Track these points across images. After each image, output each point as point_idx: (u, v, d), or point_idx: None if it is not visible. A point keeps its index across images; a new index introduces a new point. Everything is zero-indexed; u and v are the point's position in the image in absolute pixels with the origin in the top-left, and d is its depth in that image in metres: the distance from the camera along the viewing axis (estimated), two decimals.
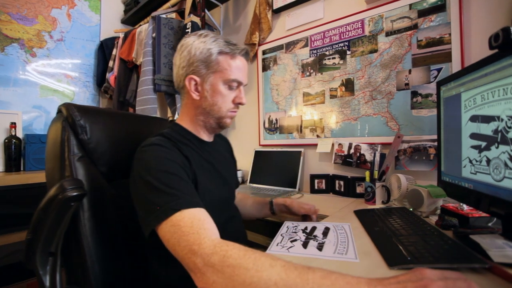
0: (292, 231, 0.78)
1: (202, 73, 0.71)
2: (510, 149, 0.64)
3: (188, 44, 0.72)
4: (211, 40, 0.71)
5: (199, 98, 0.73)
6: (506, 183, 0.65)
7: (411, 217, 0.87)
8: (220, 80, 0.71)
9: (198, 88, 0.72)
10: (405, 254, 0.61)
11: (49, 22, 1.89)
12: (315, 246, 0.68)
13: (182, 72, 0.72)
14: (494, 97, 0.70)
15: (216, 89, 0.72)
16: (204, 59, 0.70)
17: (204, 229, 0.51)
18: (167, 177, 0.59)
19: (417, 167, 1.11)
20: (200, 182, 0.70)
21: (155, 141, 0.67)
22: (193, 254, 0.48)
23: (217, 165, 0.79)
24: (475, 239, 0.69)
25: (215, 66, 0.71)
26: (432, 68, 1.09)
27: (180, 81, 0.74)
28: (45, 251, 0.69)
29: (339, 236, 0.76)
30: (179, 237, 0.50)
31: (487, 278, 0.53)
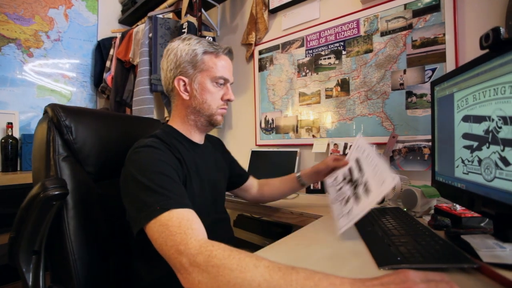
0: (337, 189, 0.84)
1: (190, 73, 0.73)
2: (500, 149, 0.64)
3: (173, 48, 0.74)
4: (195, 42, 0.74)
5: (188, 98, 0.75)
6: (496, 183, 0.65)
7: (404, 217, 0.87)
8: (207, 78, 0.74)
9: (187, 88, 0.74)
10: (395, 254, 0.61)
11: (46, 22, 1.89)
12: (363, 190, 0.74)
13: (170, 74, 0.74)
14: (485, 97, 0.70)
15: (204, 87, 0.74)
16: (190, 59, 0.73)
17: (191, 229, 0.52)
18: (159, 178, 0.60)
19: (411, 167, 1.11)
20: (190, 184, 0.71)
21: (149, 143, 0.67)
22: (180, 254, 0.48)
23: (206, 168, 0.80)
24: (466, 239, 0.69)
25: (201, 65, 0.73)
26: (426, 68, 1.09)
27: (169, 83, 0.76)
28: (28, 250, 0.69)
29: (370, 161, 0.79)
30: (167, 237, 0.51)
31: (476, 278, 0.53)
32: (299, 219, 1.06)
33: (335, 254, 0.65)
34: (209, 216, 0.78)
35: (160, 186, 0.58)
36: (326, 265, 0.59)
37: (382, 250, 0.65)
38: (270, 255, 0.65)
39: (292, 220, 1.09)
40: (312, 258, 0.63)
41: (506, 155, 0.62)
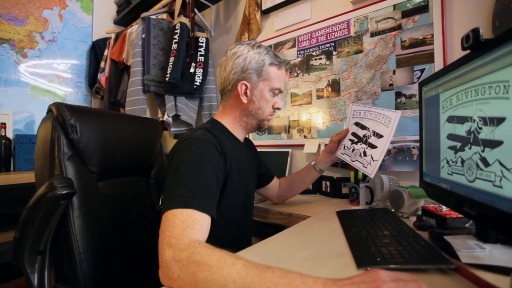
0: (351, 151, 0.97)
1: (253, 80, 0.80)
2: (480, 150, 0.64)
3: (242, 53, 0.80)
4: (264, 52, 0.81)
5: (247, 102, 0.81)
6: (477, 184, 0.65)
7: (390, 218, 0.87)
8: (267, 87, 0.82)
9: (247, 92, 0.80)
10: (376, 255, 0.61)
11: (40, 23, 1.90)
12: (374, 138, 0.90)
13: (234, 77, 0.80)
14: (467, 98, 0.70)
15: (263, 95, 0.82)
16: (257, 68, 0.79)
17: (191, 228, 0.53)
18: (197, 174, 0.63)
19: (400, 168, 1.11)
20: (231, 179, 0.76)
21: (200, 136, 0.71)
22: (169, 246, 0.50)
23: (244, 165, 0.86)
24: (448, 239, 0.69)
25: (265, 75, 0.80)
26: (415, 69, 1.09)
27: (229, 84, 0.81)
28: (33, 250, 0.70)
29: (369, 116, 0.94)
30: (168, 226, 0.53)
31: (453, 279, 0.53)
32: (287, 219, 1.06)
33: (315, 255, 0.65)
34: (243, 209, 0.84)
35: (194, 183, 0.61)
36: (305, 265, 0.59)
37: (363, 251, 0.65)
38: (251, 256, 0.65)
39: (281, 220, 1.09)
40: (292, 259, 0.62)
41: (486, 155, 0.62)
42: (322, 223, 0.91)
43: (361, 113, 0.97)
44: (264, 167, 1.06)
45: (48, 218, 0.68)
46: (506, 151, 0.55)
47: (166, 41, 1.71)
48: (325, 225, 0.88)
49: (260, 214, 1.14)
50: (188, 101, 1.77)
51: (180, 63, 1.58)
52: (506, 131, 0.55)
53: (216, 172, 0.68)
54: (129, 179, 0.95)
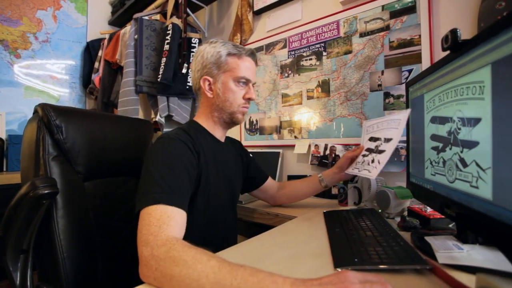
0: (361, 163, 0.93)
1: (214, 74, 0.80)
2: (460, 150, 0.64)
3: (201, 51, 0.81)
4: (220, 44, 0.81)
5: (212, 96, 0.81)
6: (457, 185, 0.65)
7: (374, 218, 0.87)
8: (230, 78, 0.80)
9: (212, 87, 0.81)
10: (354, 256, 0.61)
11: (34, 24, 1.90)
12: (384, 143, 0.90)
13: (198, 75, 0.81)
14: (448, 99, 0.70)
15: (227, 87, 0.80)
16: (215, 61, 0.79)
17: (167, 225, 0.54)
18: (165, 171, 0.64)
19: (388, 168, 1.11)
20: (207, 176, 0.76)
21: (172, 135, 0.72)
22: (146, 244, 0.51)
23: (225, 164, 0.85)
24: (429, 240, 0.69)
25: (225, 66, 0.80)
26: (403, 69, 1.09)
27: (196, 83, 0.83)
28: (16, 249, 0.70)
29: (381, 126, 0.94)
30: (144, 225, 0.55)
31: (428, 279, 0.53)
32: (275, 220, 1.07)
33: (296, 255, 0.65)
34: (224, 209, 0.84)
35: (163, 179, 0.62)
36: (284, 265, 0.59)
37: (342, 251, 0.65)
38: (232, 255, 0.65)
39: (268, 220, 1.09)
40: (272, 258, 0.63)
41: (464, 156, 0.62)
42: (308, 223, 0.91)
43: (374, 127, 0.95)
44: (257, 169, 1.05)
45: (30, 217, 0.68)
46: (481, 151, 0.55)
47: (158, 42, 1.72)
48: (310, 225, 0.88)
49: (248, 214, 1.15)
50: (181, 102, 1.77)
51: (172, 63, 1.59)
52: (482, 132, 0.55)
53: (188, 169, 0.68)
54: (117, 179, 0.95)
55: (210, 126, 0.85)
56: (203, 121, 0.85)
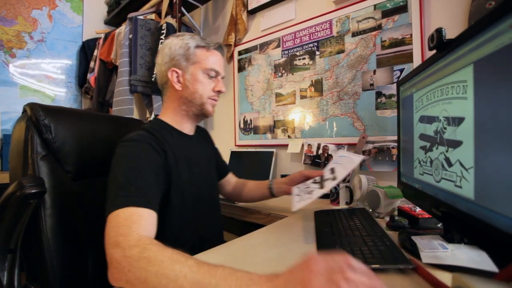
0: (304, 187, 0.85)
1: (183, 65, 0.78)
2: (445, 150, 0.64)
3: (168, 43, 0.80)
4: (188, 37, 0.80)
5: (181, 89, 0.79)
6: (443, 184, 0.65)
7: (364, 218, 0.86)
8: (199, 69, 0.79)
9: (180, 79, 0.79)
10: None
11: (29, 23, 1.90)
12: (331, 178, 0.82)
13: (165, 67, 0.79)
14: (435, 98, 0.70)
15: (196, 78, 0.79)
16: (184, 52, 0.78)
17: (137, 224, 0.53)
18: (131, 173, 0.63)
19: (380, 168, 1.11)
20: (179, 175, 0.74)
21: (134, 137, 0.70)
22: (117, 245, 0.49)
23: (198, 158, 0.83)
24: (415, 240, 0.69)
25: (193, 58, 0.79)
26: (395, 69, 1.09)
27: (163, 76, 0.81)
28: (3, 248, 0.69)
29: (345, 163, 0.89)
30: (112, 227, 0.53)
31: (411, 279, 0.53)
32: (266, 219, 1.06)
33: (281, 255, 0.65)
34: (203, 205, 0.82)
35: (129, 182, 0.61)
36: (269, 265, 0.59)
37: (328, 250, 0.65)
38: (218, 255, 0.65)
39: (260, 220, 1.08)
40: (257, 258, 0.63)
41: (449, 155, 0.62)
42: (298, 222, 0.91)
43: (343, 159, 0.93)
44: (221, 159, 1.04)
45: (17, 217, 0.68)
46: (465, 151, 0.55)
47: (153, 41, 1.72)
48: (300, 225, 0.88)
49: (240, 213, 1.14)
50: None
51: None
52: (465, 131, 0.55)
53: (154, 170, 0.67)
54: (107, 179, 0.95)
55: (177, 121, 0.82)
56: (169, 117, 0.82)
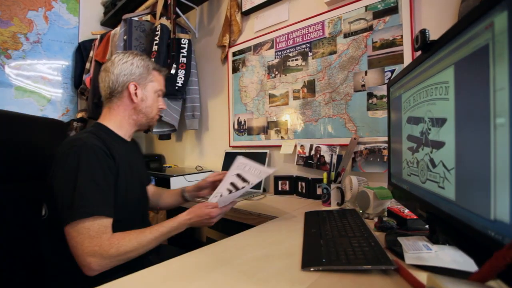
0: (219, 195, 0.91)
1: (142, 82, 0.88)
2: (430, 151, 0.64)
3: (128, 59, 0.88)
4: (147, 58, 0.92)
5: (138, 101, 0.88)
6: (427, 185, 0.65)
7: (353, 219, 0.86)
8: (153, 88, 0.91)
9: (137, 92, 0.87)
10: (323, 256, 0.61)
11: (25, 24, 1.90)
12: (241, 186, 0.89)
13: (124, 79, 0.86)
14: (420, 99, 0.70)
15: (151, 95, 0.91)
16: (145, 70, 0.89)
17: (105, 234, 0.67)
18: (91, 182, 0.69)
19: (372, 169, 1.11)
20: (121, 178, 0.79)
21: (88, 142, 0.73)
22: (93, 254, 0.63)
23: (134, 164, 0.90)
24: (401, 241, 0.69)
25: (151, 77, 0.90)
26: (386, 70, 1.09)
27: (118, 86, 0.86)
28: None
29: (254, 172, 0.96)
30: (85, 238, 0.64)
31: (392, 279, 0.53)
32: (257, 220, 1.07)
33: (267, 255, 0.65)
34: (140, 204, 0.91)
35: (90, 191, 0.68)
36: (252, 264, 0.59)
37: (313, 251, 0.65)
38: (204, 254, 0.66)
39: (251, 221, 1.09)
40: (242, 258, 0.63)
41: (433, 156, 0.62)
42: (287, 223, 0.91)
43: (246, 167, 0.98)
44: (146, 168, 1.10)
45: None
46: (447, 152, 0.55)
47: (148, 42, 1.72)
48: (289, 226, 0.88)
49: (232, 214, 1.15)
50: (170, 102, 1.77)
51: (160, 64, 1.59)
52: (447, 132, 0.55)
53: (109, 176, 0.74)
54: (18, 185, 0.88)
55: (121, 128, 0.88)
56: (114, 123, 0.87)
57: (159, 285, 0.50)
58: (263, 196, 1.35)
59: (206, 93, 1.92)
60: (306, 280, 0.52)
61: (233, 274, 0.55)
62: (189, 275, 0.54)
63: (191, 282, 0.51)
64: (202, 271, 0.56)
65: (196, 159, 1.99)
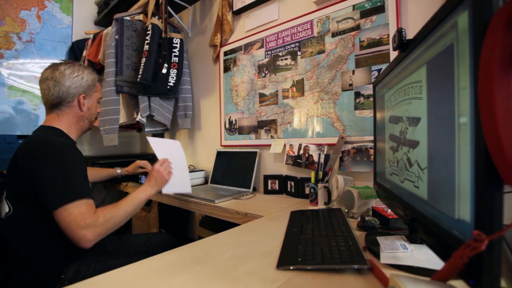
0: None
1: (89, 93, 1.04)
2: (407, 150, 0.64)
3: (79, 73, 1.00)
4: (92, 71, 1.07)
5: (85, 111, 1.03)
6: (405, 185, 0.65)
7: (336, 218, 0.86)
8: (96, 98, 1.08)
9: (85, 103, 1.02)
10: (298, 255, 0.61)
11: (17, 24, 1.90)
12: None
13: (75, 91, 0.99)
14: (400, 98, 0.70)
15: (94, 104, 1.07)
16: (91, 84, 1.04)
17: (92, 210, 0.84)
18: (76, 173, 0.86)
19: (359, 168, 1.11)
20: None
21: (65, 142, 0.89)
22: (87, 226, 0.79)
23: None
24: (379, 240, 0.69)
25: (95, 88, 1.07)
26: (373, 69, 1.09)
27: (69, 97, 0.98)
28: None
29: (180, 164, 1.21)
30: (78, 214, 0.79)
31: (365, 279, 0.53)
32: (244, 219, 1.07)
33: (244, 254, 0.65)
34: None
35: (77, 179, 0.85)
36: (228, 264, 0.59)
37: (290, 251, 0.65)
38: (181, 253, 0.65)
39: (238, 220, 1.09)
40: (219, 257, 0.63)
41: (410, 156, 0.62)
42: (271, 222, 0.91)
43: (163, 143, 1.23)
44: None
45: None
46: (421, 151, 0.55)
47: (139, 42, 1.72)
48: (272, 225, 0.88)
49: (219, 213, 1.15)
50: (163, 102, 1.77)
51: (151, 64, 1.59)
52: (421, 131, 0.55)
53: (84, 166, 0.92)
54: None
55: (70, 132, 1.02)
56: (66, 127, 1.00)
57: (131, 284, 0.51)
58: (253, 195, 1.35)
59: (198, 92, 1.92)
60: (278, 279, 0.52)
61: (206, 273, 0.55)
62: (162, 274, 0.54)
63: (163, 280, 0.51)
64: (177, 270, 0.56)
65: (189, 158, 1.99)
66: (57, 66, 0.97)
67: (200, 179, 1.67)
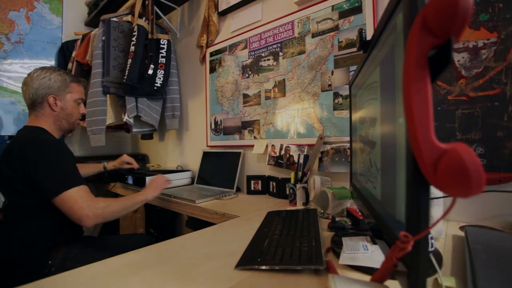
0: None
1: (60, 94, 1.06)
2: (369, 151, 0.64)
3: (46, 75, 1.04)
4: (64, 73, 1.09)
5: (57, 110, 1.07)
6: (368, 185, 0.65)
7: (309, 219, 0.87)
8: (72, 98, 1.10)
9: (56, 103, 1.06)
10: (259, 256, 0.61)
11: (6, 25, 1.91)
12: None
13: (42, 92, 1.03)
14: (365, 99, 0.70)
15: (70, 104, 1.10)
16: (62, 84, 1.06)
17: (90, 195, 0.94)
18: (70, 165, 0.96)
19: (337, 169, 1.11)
20: None
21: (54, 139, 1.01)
22: (87, 207, 0.89)
23: None
24: (344, 241, 0.69)
25: (69, 89, 1.09)
26: (351, 69, 1.09)
27: (39, 98, 1.03)
28: None
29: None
30: (78, 198, 0.89)
31: (320, 280, 0.53)
32: (222, 219, 1.07)
33: (209, 254, 0.65)
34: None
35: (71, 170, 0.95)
36: (188, 263, 0.59)
37: (253, 251, 0.65)
38: (149, 251, 0.66)
39: (216, 220, 1.09)
40: (183, 257, 0.63)
41: (371, 157, 0.62)
42: (245, 222, 0.92)
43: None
44: None
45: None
46: (377, 152, 0.55)
47: (126, 43, 1.72)
48: (246, 225, 0.89)
49: (199, 213, 1.15)
50: (150, 102, 1.78)
51: (136, 65, 1.59)
52: (377, 132, 0.55)
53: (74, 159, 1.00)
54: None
55: (52, 130, 1.07)
56: (47, 126, 1.06)
57: (84, 283, 0.51)
58: (235, 195, 1.35)
59: (186, 93, 1.93)
60: (233, 279, 0.52)
61: (165, 273, 0.55)
62: (119, 274, 0.54)
63: (117, 280, 0.52)
64: (136, 269, 0.56)
65: (177, 158, 2.00)
66: (31, 72, 1.04)
67: (187, 179, 1.67)
